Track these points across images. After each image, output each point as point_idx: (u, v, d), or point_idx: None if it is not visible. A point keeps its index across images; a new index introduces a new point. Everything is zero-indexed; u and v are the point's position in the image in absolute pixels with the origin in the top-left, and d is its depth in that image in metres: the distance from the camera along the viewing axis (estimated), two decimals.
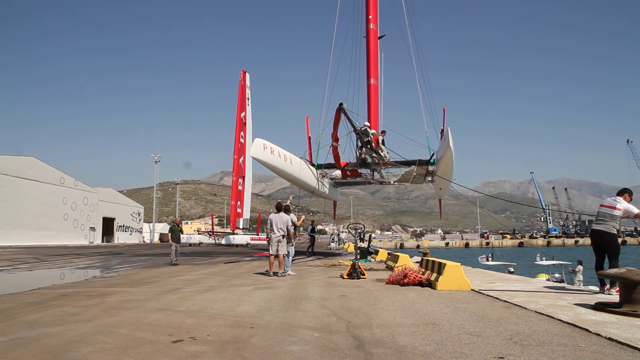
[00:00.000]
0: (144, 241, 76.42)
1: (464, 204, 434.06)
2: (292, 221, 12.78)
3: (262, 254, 26.68)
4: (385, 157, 21.21)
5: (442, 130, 22.37)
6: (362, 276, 11.35)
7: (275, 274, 12.24)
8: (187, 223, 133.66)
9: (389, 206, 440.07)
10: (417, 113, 22.15)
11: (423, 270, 10.51)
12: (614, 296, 7.30)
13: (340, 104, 17.87)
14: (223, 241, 49.25)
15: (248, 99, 54.39)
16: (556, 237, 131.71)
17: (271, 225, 12.39)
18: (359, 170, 23.42)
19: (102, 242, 64.32)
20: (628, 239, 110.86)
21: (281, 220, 12.36)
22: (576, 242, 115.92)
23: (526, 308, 6.57)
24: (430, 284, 9.32)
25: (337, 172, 23.81)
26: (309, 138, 23.71)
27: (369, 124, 20.90)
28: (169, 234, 17.86)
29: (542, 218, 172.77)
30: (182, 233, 19.38)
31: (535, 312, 6.24)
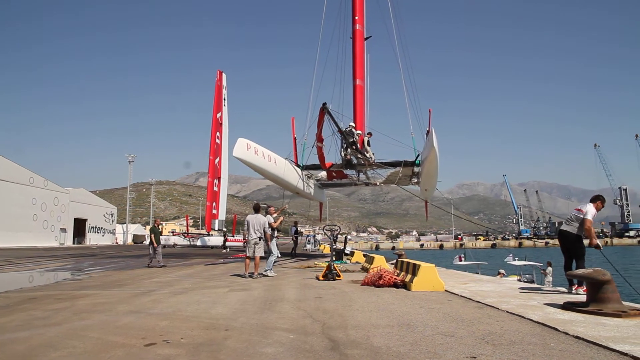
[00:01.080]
0: (117, 243, 75.04)
1: (438, 206, 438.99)
2: (268, 223, 12.71)
3: (238, 255, 26.48)
4: (371, 158, 21.17)
5: (428, 132, 22.48)
6: (337, 278, 11.37)
7: (250, 275, 12.15)
8: (161, 224, 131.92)
9: (364, 208, 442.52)
10: (403, 114, 22.19)
11: (398, 271, 10.61)
12: (581, 296, 7.49)
13: (324, 104, 17.77)
14: (198, 243, 48.67)
15: (225, 99, 54.04)
16: (527, 238, 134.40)
17: (248, 226, 12.30)
18: (345, 172, 23.36)
19: (73, 243, 62.86)
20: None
21: (258, 222, 12.30)
22: (546, 243, 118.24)
23: (498, 308, 6.69)
24: (405, 285, 9.40)
25: (323, 173, 23.73)
26: (295, 139, 23.55)
27: (353, 125, 20.79)
28: (152, 235, 17.41)
29: (514, 220, 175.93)
30: (161, 235, 19.23)
31: (507, 312, 6.37)
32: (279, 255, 12.93)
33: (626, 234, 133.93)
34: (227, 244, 48.67)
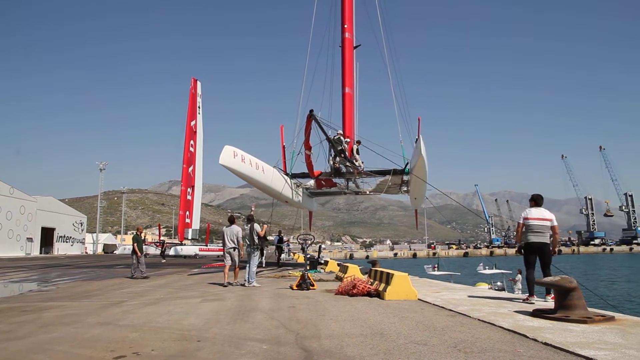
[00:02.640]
0: (86, 252, 73.16)
1: (412, 215, 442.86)
2: (256, 231, 12.68)
3: (211, 265, 26.13)
4: (360, 166, 21.09)
5: (417, 140, 22.56)
6: (311, 287, 11.35)
7: (229, 284, 12.33)
8: (132, 233, 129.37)
9: (338, 217, 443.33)
10: (390, 122, 22.28)
11: (372, 280, 10.65)
12: (549, 303, 7.65)
13: (311, 111, 17.64)
14: (171, 252, 47.91)
15: (199, 107, 53.62)
16: (498, 247, 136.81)
17: (224, 238, 12.71)
18: (334, 180, 23.23)
19: (40, 253, 60.97)
20: (563, 248, 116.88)
21: (232, 232, 12.57)
22: (517, 251, 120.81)
23: (470, 316, 6.79)
24: (379, 294, 9.45)
25: (312, 182, 23.53)
26: (283, 147, 23.41)
27: (342, 132, 20.68)
28: (134, 244, 16.45)
29: (486, 229, 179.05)
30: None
31: (479, 320, 6.46)
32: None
33: (592, 242, 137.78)
34: (199, 253, 48.10)
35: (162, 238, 52.91)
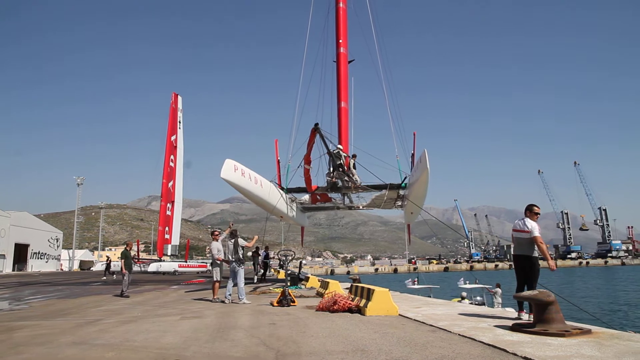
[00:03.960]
0: (62, 269, 71.42)
1: (392, 230, 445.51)
2: (241, 245, 12.54)
3: (191, 281, 25.79)
4: (357, 180, 21.13)
5: (413, 155, 22.57)
6: (292, 303, 11.26)
7: (219, 299, 12.55)
8: (110, 249, 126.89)
9: (319, 232, 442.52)
10: (386, 137, 22.32)
11: (352, 296, 10.62)
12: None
13: (316, 125, 17.59)
14: (149, 268, 47.14)
15: (180, 122, 53.24)
16: (478, 261, 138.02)
17: (211, 253, 12.96)
18: (329, 195, 23.14)
19: (13, 270, 59.29)
20: (540, 262, 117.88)
21: (216, 248, 12.73)
22: (496, 266, 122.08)
23: (450, 331, 6.80)
24: (360, 310, 9.42)
25: (306, 197, 23.40)
26: (278, 161, 23.29)
27: (341, 147, 20.61)
28: (122, 260, 15.58)
29: (466, 243, 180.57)
30: (134, 260, 17.17)
31: (459, 335, 6.48)
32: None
33: (568, 256, 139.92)
34: (179, 270, 47.41)
35: (107, 254, 51.87)
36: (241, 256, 12.50)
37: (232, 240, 12.58)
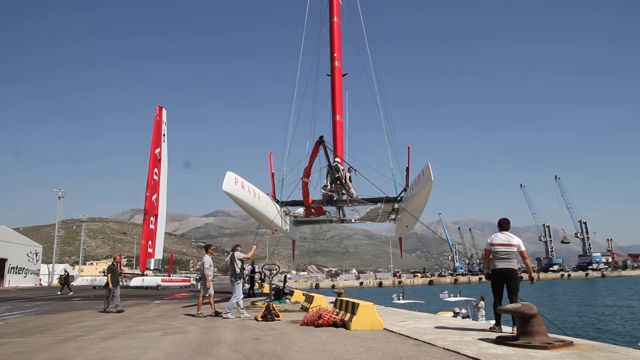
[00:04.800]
0: (40, 284, 69.88)
1: (377, 243, 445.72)
2: (239, 258, 12.46)
3: (174, 296, 25.42)
4: (353, 194, 21.11)
5: (407, 168, 22.58)
6: (276, 318, 11.17)
7: (217, 314, 12.47)
8: (92, 264, 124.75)
9: (304, 246, 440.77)
10: (378, 150, 22.32)
11: (337, 310, 10.58)
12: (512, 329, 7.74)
13: (321, 137, 17.63)
14: (131, 283, 46.38)
15: (164, 135, 53.03)
16: (462, 274, 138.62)
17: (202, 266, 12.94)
18: (324, 208, 23.06)
19: None
20: (523, 275, 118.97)
21: (207, 262, 12.74)
22: (480, 279, 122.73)
23: (435, 345, 6.81)
24: (345, 324, 9.38)
25: (300, 210, 23.30)
26: (272, 174, 23.20)
27: (339, 160, 20.63)
28: (108, 274, 14.95)
29: (450, 257, 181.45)
30: (120, 275, 16.45)
31: (444, 348, 6.49)
32: (241, 297, 12.38)
33: (550, 269, 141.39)
34: (162, 284, 46.74)
35: (64, 267, 50.71)
36: (238, 270, 12.37)
37: (230, 255, 12.59)
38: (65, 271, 38.83)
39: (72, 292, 30.75)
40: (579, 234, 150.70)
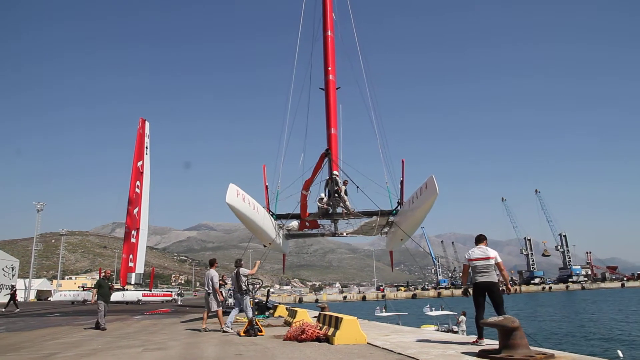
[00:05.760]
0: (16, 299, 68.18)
1: (360, 257, 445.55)
2: (243, 274, 12.46)
3: (155, 311, 25.05)
4: (349, 207, 21.08)
5: (402, 182, 22.62)
6: (259, 333, 11.07)
7: (205, 329, 12.34)
8: (70, 278, 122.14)
9: (288, 260, 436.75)
10: (370, 162, 22.34)
11: (321, 325, 10.54)
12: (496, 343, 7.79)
13: (327, 150, 17.63)
14: (111, 298, 45.58)
15: (147, 147, 52.61)
16: (445, 288, 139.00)
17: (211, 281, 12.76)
18: (318, 222, 22.99)
19: None
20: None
21: (206, 276, 12.60)
22: (462, 293, 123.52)
23: (418, 359, 6.82)
24: (328, 339, 9.34)
25: (294, 223, 23.20)
26: (266, 187, 23.09)
27: (337, 173, 20.65)
28: (95, 289, 14.34)
29: (433, 270, 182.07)
30: (112, 290, 15.70)
31: None
32: (251, 313, 12.31)
33: (532, 282, 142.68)
34: (143, 299, 45.98)
35: (12, 284, 49.44)
36: (243, 285, 12.37)
37: (234, 271, 12.61)
38: (13, 287, 37.44)
39: (18, 309, 29.06)
40: (559, 247, 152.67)
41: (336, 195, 20.08)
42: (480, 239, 8.49)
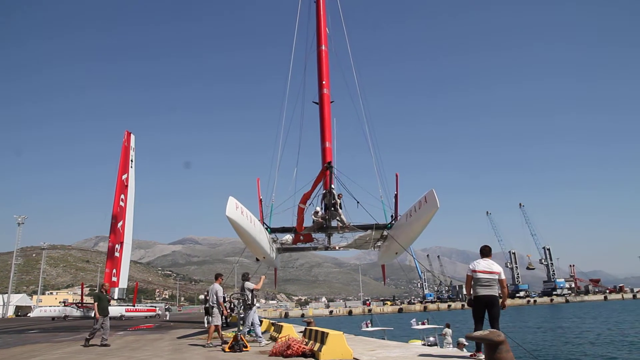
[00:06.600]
0: None
1: (347, 271, 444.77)
2: (249, 288, 12.41)
3: (139, 327, 24.65)
4: (344, 220, 21.03)
5: (396, 195, 22.64)
6: (244, 349, 10.95)
7: (209, 344, 12.26)
8: (51, 293, 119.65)
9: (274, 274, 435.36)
10: (362, 176, 22.31)
11: (307, 340, 10.47)
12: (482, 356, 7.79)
13: (329, 163, 17.60)
14: (92, 314, 44.74)
15: (132, 160, 52.21)
16: (432, 302, 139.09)
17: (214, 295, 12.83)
18: (313, 235, 22.91)
19: None
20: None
21: (211, 291, 12.77)
22: (449, 306, 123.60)
23: None
24: (314, 354, 9.27)
25: (288, 237, 23.11)
26: (260, 200, 22.97)
27: (334, 186, 20.60)
28: (95, 303, 13.75)
29: (419, 284, 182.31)
30: (110, 303, 15.12)
31: None
32: (259, 324, 12.36)
33: (517, 295, 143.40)
34: (126, 314, 45.24)
35: None
36: (249, 300, 12.36)
37: (240, 285, 12.65)
38: None
39: None
40: (543, 261, 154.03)
41: (333, 208, 20.11)
42: (487, 252, 8.39)
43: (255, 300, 12.77)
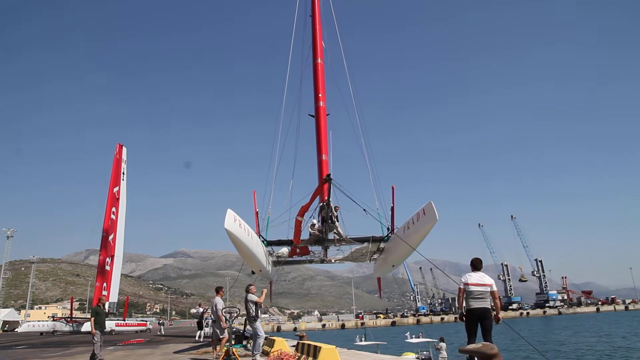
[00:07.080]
0: None
1: (339, 285, 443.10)
2: (252, 301, 12.32)
3: (129, 341, 24.37)
4: (341, 233, 21.01)
5: (392, 208, 22.65)
6: None
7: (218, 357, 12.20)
8: (40, 308, 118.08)
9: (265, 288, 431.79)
10: (358, 188, 22.25)
11: (299, 354, 10.41)
12: None
13: (328, 175, 17.67)
14: (82, 328, 44.05)
15: (123, 173, 51.97)
16: (425, 315, 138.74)
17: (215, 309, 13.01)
18: (310, 248, 22.86)
19: None
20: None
21: (212, 304, 12.90)
22: (442, 319, 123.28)
23: None
24: None
25: (284, 250, 23.02)
26: (256, 213, 22.92)
27: (330, 199, 20.64)
28: (92, 318, 13.17)
29: (412, 297, 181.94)
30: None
31: None
32: (263, 336, 12.28)
33: (510, 307, 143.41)
34: (116, 329, 44.67)
35: None
36: (253, 312, 12.25)
37: (244, 297, 12.49)
38: None
39: None
40: (535, 272, 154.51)
41: (330, 221, 20.14)
42: (478, 264, 8.37)
43: (260, 312, 12.70)
